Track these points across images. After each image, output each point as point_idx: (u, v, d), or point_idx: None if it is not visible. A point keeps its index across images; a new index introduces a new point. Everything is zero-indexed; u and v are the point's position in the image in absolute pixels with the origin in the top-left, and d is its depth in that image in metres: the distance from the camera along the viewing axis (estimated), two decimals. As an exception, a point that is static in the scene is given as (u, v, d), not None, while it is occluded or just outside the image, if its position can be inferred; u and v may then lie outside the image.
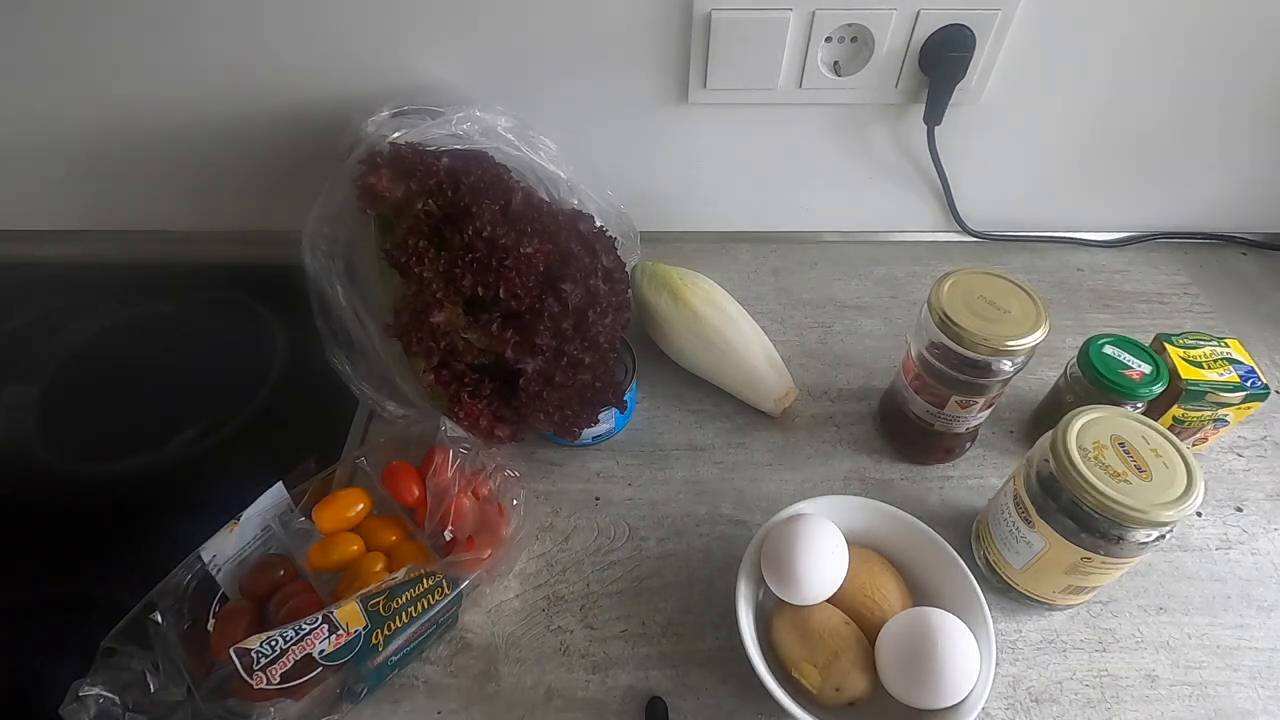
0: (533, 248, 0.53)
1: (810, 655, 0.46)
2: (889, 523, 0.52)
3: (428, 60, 0.66)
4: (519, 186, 0.57)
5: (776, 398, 0.62)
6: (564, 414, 0.55)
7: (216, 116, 0.70)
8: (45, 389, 0.68)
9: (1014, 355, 0.49)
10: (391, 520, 0.53)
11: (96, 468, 0.63)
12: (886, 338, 0.71)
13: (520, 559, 0.54)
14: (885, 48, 0.64)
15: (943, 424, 0.57)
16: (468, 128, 0.59)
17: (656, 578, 0.54)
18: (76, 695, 0.41)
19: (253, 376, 0.69)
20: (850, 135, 0.73)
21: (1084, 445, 0.45)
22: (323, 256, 0.56)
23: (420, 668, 0.49)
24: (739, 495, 0.59)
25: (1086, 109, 0.70)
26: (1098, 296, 0.75)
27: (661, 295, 0.65)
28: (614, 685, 0.49)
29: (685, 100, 0.69)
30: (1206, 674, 0.50)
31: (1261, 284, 0.77)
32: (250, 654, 0.42)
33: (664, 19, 0.63)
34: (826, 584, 0.47)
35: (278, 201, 0.76)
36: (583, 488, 0.60)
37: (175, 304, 0.77)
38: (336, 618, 0.44)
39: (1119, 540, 0.44)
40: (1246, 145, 0.73)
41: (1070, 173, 0.76)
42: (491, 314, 0.53)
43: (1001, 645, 0.50)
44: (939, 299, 0.51)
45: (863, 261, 0.79)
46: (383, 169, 0.53)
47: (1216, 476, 0.60)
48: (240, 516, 0.49)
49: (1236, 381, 0.55)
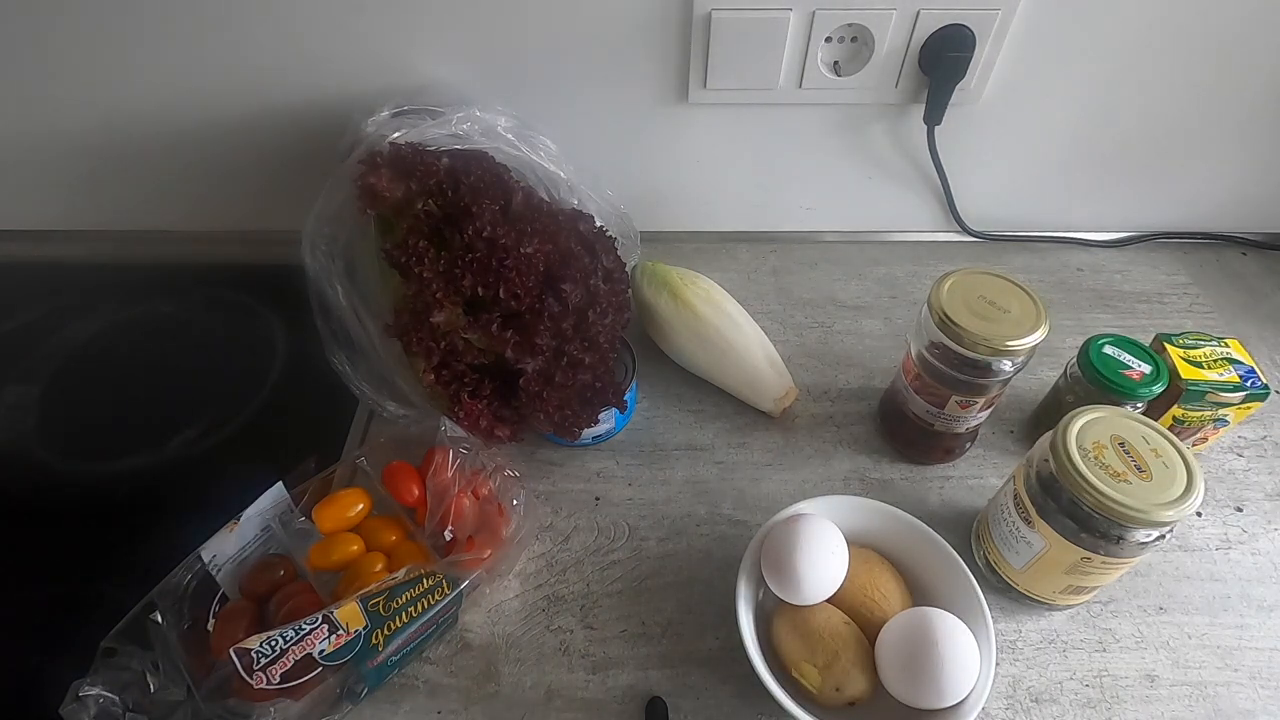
0: (533, 248, 0.53)
1: (810, 655, 0.46)
2: (889, 523, 0.52)
3: (428, 60, 0.66)
4: (519, 186, 0.57)
5: (776, 398, 0.62)
6: (564, 414, 0.55)
7: (216, 117, 0.70)
8: (45, 389, 0.68)
9: (1014, 355, 0.49)
10: (391, 520, 0.53)
11: (96, 468, 0.63)
12: (886, 338, 0.71)
13: (520, 559, 0.54)
14: (885, 48, 0.64)
15: (943, 424, 0.57)
16: (468, 128, 0.59)
17: (656, 578, 0.54)
18: (76, 695, 0.41)
19: (253, 376, 0.69)
20: (850, 135, 0.73)
21: (1084, 445, 0.45)
22: (323, 256, 0.56)
23: (420, 668, 0.49)
24: (739, 495, 0.59)
25: (1086, 109, 0.70)
26: (1098, 296, 0.75)
27: (661, 295, 0.65)
28: (614, 685, 0.49)
29: (685, 100, 0.69)
30: (1206, 674, 0.50)
31: (1261, 284, 0.77)
32: (250, 654, 0.42)
33: (664, 19, 0.63)
34: (826, 584, 0.47)
35: (278, 201, 0.75)
36: (583, 488, 0.60)
37: (175, 304, 0.77)
38: (336, 618, 0.44)
39: (1119, 540, 0.44)
40: (1246, 145, 0.73)
41: (1070, 173, 0.76)
42: (491, 314, 0.53)
43: (1001, 645, 0.50)
44: (939, 299, 0.51)
45: (863, 261, 0.79)
46: (383, 169, 0.53)
47: (1216, 476, 0.60)
48: (240, 516, 0.49)
49: (1236, 381, 0.55)
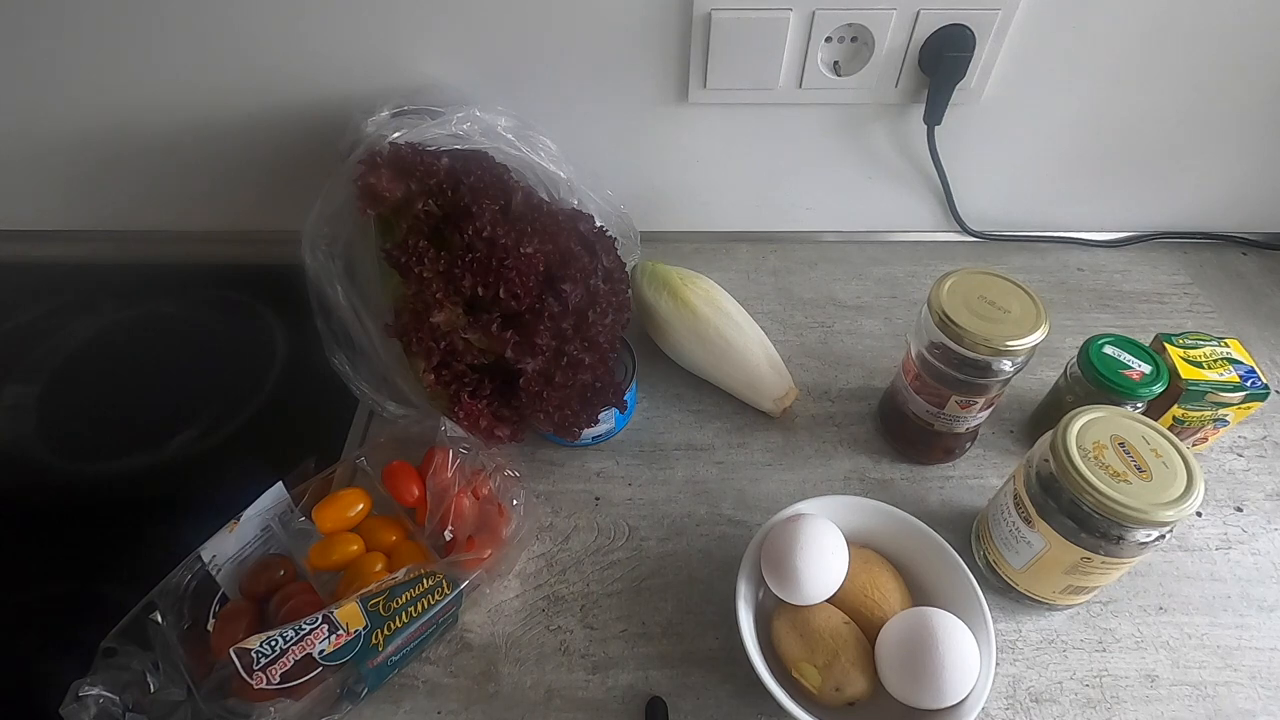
0: (533, 248, 0.53)
1: (810, 655, 0.46)
2: (889, 523, 0.52)
3: (428, 60, 0.66)
4: (519, 186, 0.57)
5: (776, 398, 0.62)
6: (564, 414, 0.55)
7: (216, 116, 0.70)
8: (45, 389, 0.68)
9: (1014, 355, 0.49)
10: (391, 520, 0.53)
11: (96, 468, 0.63)
12: (886, 338, 0.71)
13: (520, 559, 0.54)
14: (885, 48, 0.64)
15: (943, 424, 0.57)
16: (468, 128, 0.59)
17: (656, 578, 0.54)
18: (76, 695, 0.41)
19: (253, 376, 0.69)
20: (850, 135, 0.73)
21: (1084, 445, 0.45)
22: (323, 256, 0.56)
23: (420, 668, 0.49)
24: (739, 495, 0.59)
25: (1086, 109, 0.70)
26: (1098, 296, 0.75)
27: (661, 295, 0.65)
28: (614, 685, 0.49)
29: (685, 100, 0.69)
30: (1206, 674, 0.50)
31: (1261, 284, 0.77)
32: (250, 654, 0.42)
33: (664, 19, 0.63)
34: (826, 584, 0.47)
35: (278, 201, 0.76)
36: (583, 488, 0.60)
37: (175, 304, 0.77)
38: (336, 618, 0.44)
39: (1119, 540, 0.44)
40: (1246, 145, 0.73)
41: (1070, 173, 0.76)
42: (491, 314, 0.53)
43: (1001, 645, 0.50)
44: (939, 299, 0.51)
45: (863, 261, 0.79)
46: (383, 169, 0.53)
47: (1216, 476, 0.60)
48: (240, 516, 0.49)
49: (1236, 381, 0.55)
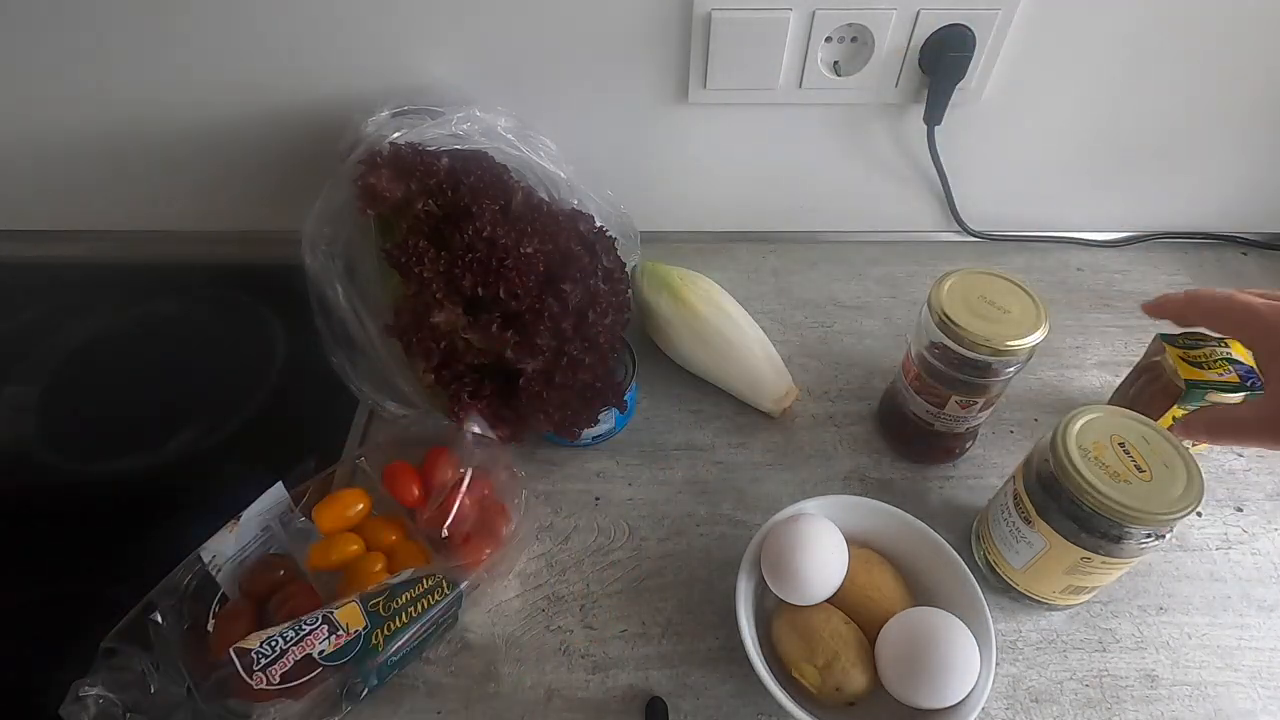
0: (533, 248, 0.53)
1: (810, 655, 0.46)
2: (889, 523, 0.52)
3: (428, 60, 0.66)
4: (519, 186, 0.57)
5: (776, 398, 0.62)
6: (564, 414, 0.55)
7: (216, 117, 0.70)
8: (45, 389, 0.68)
9: (1014, 355, 0.49)
10: (391, 520, 0.53)
11: (96, 468, 0.63)
12: (886, 338, 0.71)
13: (520, 559, 0.54)
14: (885, 48, 0.64)
15: (943, 424, 0.57)
16: (468, 128, 0.59)
17: (656, 578, 0.54)
18: (76, 695, 0.41)
19: (253, 376, 0.68)
20: (850, 135, 0.73)
21: (1084, 445, 0.45)
22: (323, 256, 0.56)
23: (420, 668, 0.49)
24: (739, 495, 0.59)
25: (1086, 109, 0.70)
26: (1098, 296, 0.75)
27: (661, 295, 0.65)
28: (614, 685, 0.49)
29: (685, 100, 0.69)
30: (1206, 674, 0.50)
31: (1261, 284, 0.76)
32: (250, 654, 0.42)
33: (664, 19, 0.63)
34: (826, 584, 0.47)
35: (278, 201, 0.76)
36: (583, 488, 0.60)
37: (175, 304, 0.77)
38: (336, 618, 0.44)
39: (1119, 540, 0.44)
40: (1246, 145, 0.73)
41: (1070, 173, 0.76)
42: (491, 314, 0.53)
43: (1001, 645, 0.50)
44: (939, 299, 0.51)
45: (863, 261, 0.79)
46: (383, 169, 0.53)
47: (1216, 476, 0.60)
48: (240, 516, 0.49)
49: (1236, 381, 0.55)
